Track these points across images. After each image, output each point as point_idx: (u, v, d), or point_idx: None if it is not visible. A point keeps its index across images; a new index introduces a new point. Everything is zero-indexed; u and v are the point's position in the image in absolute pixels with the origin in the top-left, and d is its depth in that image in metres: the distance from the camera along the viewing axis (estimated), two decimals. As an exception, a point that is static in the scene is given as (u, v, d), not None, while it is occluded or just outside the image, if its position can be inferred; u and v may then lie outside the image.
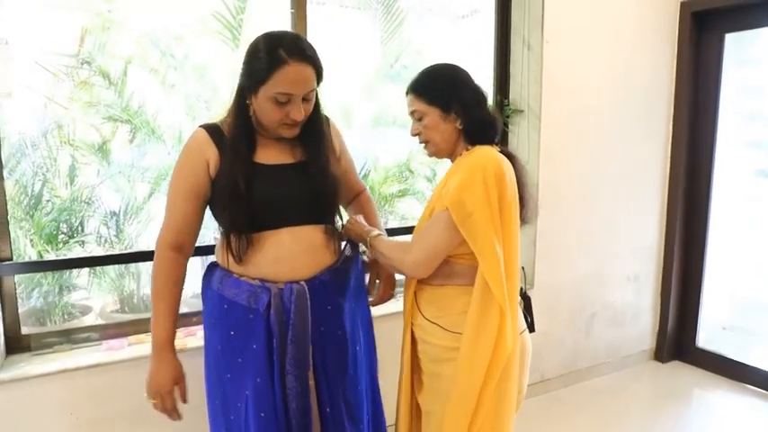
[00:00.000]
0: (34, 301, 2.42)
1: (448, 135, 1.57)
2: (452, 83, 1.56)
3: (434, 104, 1.55)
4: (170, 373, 1.51)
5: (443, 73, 1.59)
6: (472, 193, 1.42)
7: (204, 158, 1.47)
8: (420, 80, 1.59)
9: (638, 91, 3.22)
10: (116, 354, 2.08)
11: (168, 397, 1.50)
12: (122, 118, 2.52)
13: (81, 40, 2.41)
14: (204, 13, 2.55)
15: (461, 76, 1.58)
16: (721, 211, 3.39)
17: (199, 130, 1.52)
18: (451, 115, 1.55)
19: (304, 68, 1.39)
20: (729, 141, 3.34)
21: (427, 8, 3.55)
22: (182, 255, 1.53)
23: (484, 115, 1.57)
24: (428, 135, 1.58)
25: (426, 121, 1.56)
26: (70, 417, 1.99)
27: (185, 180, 1.49)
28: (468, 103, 1.55)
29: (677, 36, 3.30)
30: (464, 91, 1.56)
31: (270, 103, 1.40)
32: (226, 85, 2.59)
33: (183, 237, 1.51)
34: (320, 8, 2.60)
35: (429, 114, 1.56)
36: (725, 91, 3.26)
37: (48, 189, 2.51)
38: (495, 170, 1.44)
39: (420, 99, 1.56)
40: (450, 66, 1.61)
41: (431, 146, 1.61)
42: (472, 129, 1.56)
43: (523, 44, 2.90)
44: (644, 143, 3.31)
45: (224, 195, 1.45)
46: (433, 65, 1.63)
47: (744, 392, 3.17)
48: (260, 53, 1.38)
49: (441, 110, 1.55)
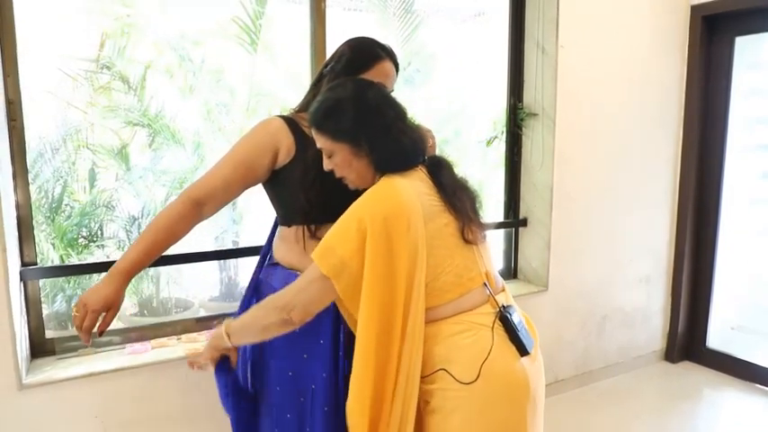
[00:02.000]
0: (58, 305, 2.42)
1: (363, 171, 1.37)
2: (358, 112, 1.33)
3: (341, 141, 1.34)
4: (110, 296, 1.43)
5: (345, 101, 1.34)
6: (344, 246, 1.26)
7: (274, 144, 1.50)
8: (319, 112, 1.35)
9: (650, 94, 3.25)
10: (140, 357, 2.10)
11: (92, 315, 1.41)
12: (142, 122, 2.53)
13: (101, 45, 2.42)
14: (223, 18, 2.56)
15: (367, 101, 1.35)
16: (731, 214, 3.42)
17: (276, 117, 1.55)
18: (363, 149, 1.34)
19: (393, 68, 1.58)
20: (739, 144, 3.37)
21: (435, 10, 3.57)
22: (197, 212, 1.50)
23: (396, 143, 1.35)
24: (342, 172, 1.39)
25: (337, 159, 1.36)
26: (95, 420, 2.00)
27: (246, 153, 1.51)
28: (378, 134, 1.33)
29: (688, 39, 3.32)
30: (372, 119, 1.34)
31: None
32: (244, 89, 2.61)
33: (210, 198, 1.50)
34: (338, 12, 2.61)
35: (338, 152, 1.35)
36: (735, 94, 3.28)
37: (67, 194, 2.52)
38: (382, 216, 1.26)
39: (323, 135, 1.35)
40: (354, 88, 1.37)
41: (349, 182, 1.41)
42: (385, 161, 1.35)
43: (537, 48, 2.92)
44: (655, 146, 3.33)
45: (307, 177, 1.48)
46: (332, 88, 1.41)
47: (753, 392, 3.20)
48: (350, 51, 1.54)
49: (350, 145, 1.34)
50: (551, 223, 2.96)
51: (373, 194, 1.32)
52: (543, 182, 2.96)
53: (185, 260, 2.30)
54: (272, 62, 2.78)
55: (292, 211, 1.54)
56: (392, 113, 1.37)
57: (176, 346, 2.18)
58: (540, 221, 3.00)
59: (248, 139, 1.53)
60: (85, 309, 1.41)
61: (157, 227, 1.47)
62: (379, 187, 1.33)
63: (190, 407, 2.13)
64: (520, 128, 3.01)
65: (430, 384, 1.33)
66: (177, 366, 2.09)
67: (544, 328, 3.01)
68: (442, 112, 3.41)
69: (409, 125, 1.40)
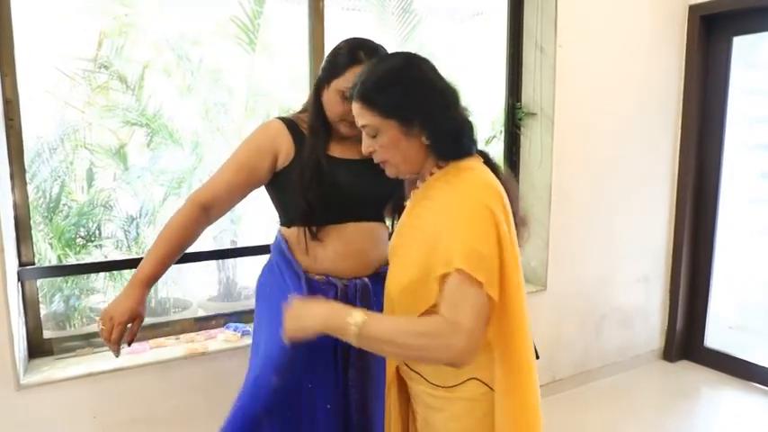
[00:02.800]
0: (55, 305, 2.42)
1: (412, 154, 1.20)
2: (412, 86, 1.17)
3: (391, 117, 1.16)
4: (134, 307, 1.45)
5: (400, 73, 1.18)
6: (486, 249, 1.09)
7: (274, 147, 1.52)
8: (368, 84, 1.18)
9: (648, 93, 3.25)
10: (139, 357, 2.09)
11: (119, 327, 1.43)
12: (140, 122, 2.52)
13: (99, 45, 2.42)
14: (222, 18, 2.56)
15: (423, 74, 1.19)
16: (729, 213, 3.43)
17: (276, 120, 1.56)
18: (415, 129, 1.17)
19: None
20: (737, 143, 3.37)
21: (433, 9, 3.57)
22: (205, 216, 1.53)
23: (455, 123, 1.20)
24: (385, 155, 1.21)
25: (383, 139, 1.19)
26: (93, 420, 2.00)
27: (247, 157, 1.53)
28: (434, 111, 1.17)
29: (686, 39, 3.33)
30: (428, 95, 1.17)
31: (336, 97, 1.47)
32: (242, 88, 2.60)
33: (214, 200, 1.53)
34: (337, 12, 2.60)
35: (385, 130, 1.18)
36: (733, 93, 3.29)
37: (65, 193, 2.52)
38: (498, 204, 1.13)
39: (371, 110, 1.17)
40: (407, 60, 1.21)
41: (390, 167, 1.24)
42: (441, 142, 1.19)
43: (536, 47, 2.91)
44: (653, 145, 3.34)
45: (303, 176, 1.48)
46: (383, 59, 1.25)
47: (751, 391, 3.20)
48: (342, 51, 1.48)
49: (400, 123, 1.17)
50: (550, 223, 2.96)
51: (478, 182, 1.16)
52: (542, 181, 2.96)
53: (184, 260, 2.29)
54: (270, 62, 2.78)
55: (293, 213, 1.55)
56: (448, 90, 1.21)
57: (175, 347, 2.18)
58: (539, 221, 3.00)
59: (249, 142, 1.55)
60: (112, 321, 1.43)
61: (170, 234, 1.50)
62: (474, 175, 1.18)
63: (188, 407, 2.12)
64: (518, 127, 3.01)
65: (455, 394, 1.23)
66: (176, 366, 2.09)
67: (543, 327, 3.02)
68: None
69: (465, 106, 1.23)
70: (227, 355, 2.17)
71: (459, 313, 1.07)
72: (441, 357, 1.08)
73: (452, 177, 1.19)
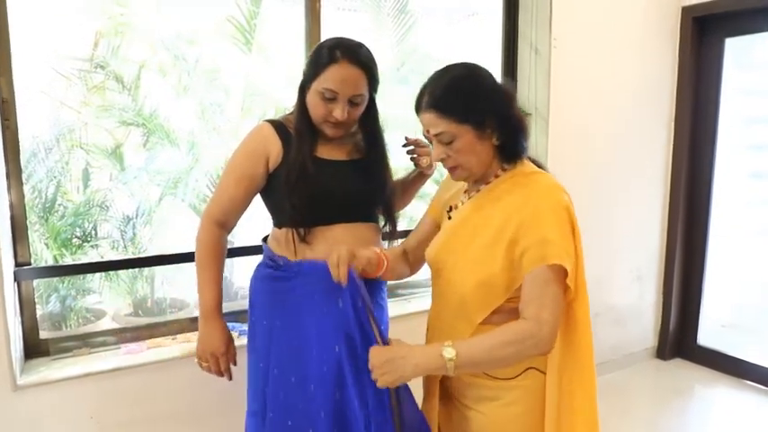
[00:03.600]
0: (51, 305, 2.41)
1: (485, 156, 1.27)
2: (480, 91, 1.25)
3: (466, 122, 1.23)
4: (222, 337, 1.59)
5: (465, 80, 1.26)
6: (568, 246, 1.21)
7: (265, 151, 1.53)
8: (441, 94, 1.25)
9: (642, 94, 3.28)
10: (136, 357, 2.09)
11: (223, 358, 1.60)
12: (136, 122, 2.52)
13: (95, 45, 2.42)
14: (218, 18, 2.56)
15: (486, 78, 1.28)
16: (722, 213, 3.46)
17: (264, 123, 1.57)
18: (487, 131, 1.25)
19: (353, 70, 1.45)
20: (730, 144, 3.41)
21: (429, 10, 3.58)
22: (224, 230, 1.62)
23: (518, 122, 1.28)
24: (460, 159, 1.27)
25: (459, 144, 1.24)
26: (91, 421, 1.99)
27: (242, 166, 1.56)
28: (502, 112, 1.25)
29: (679, 40, 3.36)
30: (494, 97, 1.25)
31: (317, 98, 1.47)
32: (238, 88, 2.60)
33: (226, 216, 1.60)
34: (332, 12, 2.61)
35: (461, 136, 1.23)
36: (725, 94, 3.32)
37: (60, 193, 2.51)
38: (571, 206, 1.25)
39: (446, 118, 1.23)
40: (468, 68, 1.29)
41: (461, 171, 1.29)
42: (510, 141, 1.27)
43: (531, 48, 2.93)
44: (647, 145, 3.37)
45: (289, 178, 1.49)
46: (445, 71, 1.30)
47: (743, 388, 3.24)
48: (321, 51, 1.47)
49: (474, 127, 1.23)
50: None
51: (551, 184, 1.27)
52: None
53: (181, 260, 2.29)
54: (267, 62, 2.78)
55: (282, 215, 1.56)
56: (507, 92, 1.30)
57: (172, 346, 2.17)
58: (534, 220, 3.02)
59: (242, 149, 1.57)
60: (214, 356, 1.59)
61: (206, 259, 1.59)
62: (545, 177, 1.29)
63: (185, 406, 2.13)
64: (513, 127, 3.03)
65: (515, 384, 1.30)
66: (173, 366, 2.09)
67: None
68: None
69: (520, 107, 1.33)
70: (224, 354, 2.17)
71: (542, 307, 1.18)
72: (533, 354, 1.20)
73: (521, 179, 1.28)
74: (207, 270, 1.58)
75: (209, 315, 1.58)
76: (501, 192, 1.29)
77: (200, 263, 1.59)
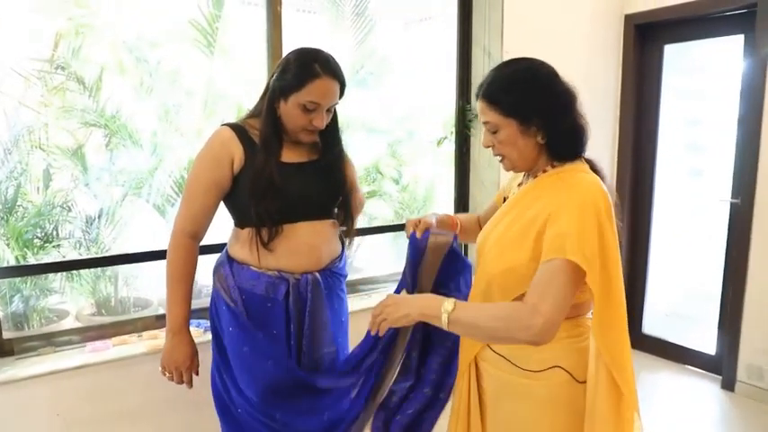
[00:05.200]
0: (15, 305, 2.40)
1: (528, 152, 1.32)
2: (534, 89, 1.30)
3: (511, 116, 1.28)
4: (188, 351, 1.63)
5: (522, 76, 1.32)
6: (590, 244, 1.17)
7: (229, 155, 1.56)
8: (493, 85, 1.31)
9: (588, 96, 3.39)
10: (101, 355, 2.11)
11: (187, 372, 1.63)
12: (98, 123, 2.53)
13: (55, 45, 2.42)
14: (180, 21, 2.59)
15: (544, 78, 1.32)
16: (663, 207, 3.68)
17: (224, 128, 1.59)
18: (532, 128, 1.29)
19: (333, 84, 1.53)
20: (670, 143, 3.62)
21: (386, 12, 3.67)
22: (196, 242, 1.62)
23: (571, 125, 1.32)
24: (503, 150, 1.33)
25: (502, 135, 1.30)
26: (57, 418, 2.01)
27: (210, 173, 1.56)
28: (552, 113, 1.29)
29: (622, 46, 3.56)
30: (548, 98, 1.30)
31: (298, 110, 1.52)
32: (201, 91, 2.64)
33: (198, 226, 1.60)
34: (292, 14, 2.67)
35: (504, 128, 1.29)
36: (665, 97, 3.53)
37: (20, 194, 2.50)
38: (606, 208, 1.22)
39: (494, 109, 1.29)
40: (530, 65, 1.35)
41: (507, 162, 1.35)
42: (557, 142, 1.31)
43: (484, 53, 3.07)
44: (594, 144, 3.52)
45: (256, 189, 1.53)
46: (507, 63, 1.37)
47: (685, 373, 3.45)
48: (296, 64, 1.52)
49: (519, 122, 1.28)
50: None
51: (591, 184, 1.26)
52: (490, 179, 3.11)
53: (144, 259, 2.31)
54: (229, 64, 2.82)
55: (246, 216, 1.59)
56: (569, 93, 1.33)
57: (137, 343, 2.20)
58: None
59: (206, 157, 1.58)
60: (179, 370, 1.62)
61: (177, 274, 1.60)
62: (589, 177, 1.28)
63: (152, 403, 2.16)
64: (468, 129, 3.15)
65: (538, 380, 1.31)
66: (139, 363, 2.12)
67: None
68: (396, 114, 3.52)
69: (580, 110, 1.35)
70: (190, 350, 2.21)
71: (543, 297, 1.17)
72: (520, 338, 1.17)
73: (567, 176, 1.30)
74: (179, 288, 1.60)
75: (177, 330, 1.60)
76: (544, 186, 1.32)
77: (173, 279, 1.59)
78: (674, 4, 3.27)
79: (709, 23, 3.28)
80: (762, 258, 3.03)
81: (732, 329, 3.16)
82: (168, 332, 1.61)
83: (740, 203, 3.11)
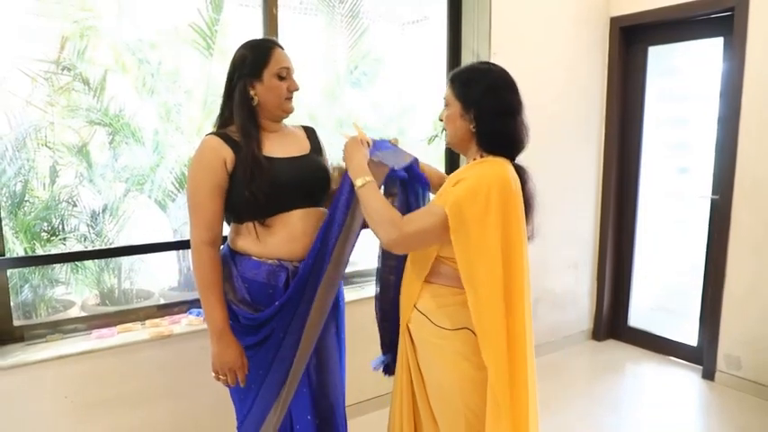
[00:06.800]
0: (24, 295, 2.51)
1: (461, 133, 1.57)
2: (480, 86, 1.53)
3: (458, 99, 1.55)
4: (237, 351, 1.68)
5: (481, 74, 1.57)
6: (471, 207, 1.43)
7: (221, 158, 1.66)
8: (461, 71, 1.60)
9: (575, 97, 3.56)
10: (107, 341, 2.21)
11: (241, 371, 1.68)
12: (102, 122, 2.64)
13: (62, 47, 2.52)
14: (180, 24, 2.70)
15: (495, 83, 1.55)
16: (648, 205, 3.79)
17: (209, 137, 1.70)
18: (469, 116, 1.54)
19: (283, 50, 1.73)
20: (655, 142, 3.74)
21: (380, 14, 3.76)
22: (216, 249, 1.69)
23: (500, 128, 1.55)
24: (446, 124, 1.62)
25: (448, 111, 1.59)
26: (65, 400, 2.11)
27: (209, 180, 1.65)
28: (487, 112, 1.53)
29: (608, 48, 3.67)
30: (489, 98, 1.53)
31: (275, 80, 1.67)
32: (200, 90, 2.74)
33: (214, 232, 1.68)
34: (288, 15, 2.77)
35: (451, 105, 1.57)
36: (649, 97, 3.65)
37: (27, 190, 2.61)
38: (500, 188, 1.46)
39: (450, 87, 1.58)
40: (495, 70, 1.59)
41: (447, 135, 1.64)
42: (484, 137, 1.55)
43: (473, 55, 3.18)
44: (581, 144, 3.66)
45: (246, 170, 1.63)
46: (484, 62, 1.66)
47: (669, 364, 3.55)
48: (250, 51, 1.69)
49: (461, 106, 1.55)
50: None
51: (496, 170, 1.50)
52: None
53: (146, 251, 2.42)
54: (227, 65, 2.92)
55: (242, 209, 1.69)
56: (507, 104, 1.56)
57: (141, 330, 2.31)
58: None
59: (200, 166, 1.66)
60: (232, 371, 1.67)
61: (206, 282, 1.66)
62: (498, 166, 1.51)
63: (155, 386, 2.27)
64: (459, 127, 3.26)
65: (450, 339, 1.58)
66: (143, 349, 2.23)
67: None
68: (388, 113, 3.62)
69: (521, 120, 1.60)
70: (190, 337, 2.32)
71: (409, 222, 1.49)
72: (380, 235, 1.51)
73: (485, 163, 1.54)
74: (212, 293, 1.65)
75: (222, 333, 1.66)
76: (469, 168, 1.55)
77: (204, 288, 1.65)
78: (658, 7, 3.38)
79: (691, 26, 3.39)
80: (739, 253, 3.14)
81: (712, 322, 3.27)
82: (212, 336, 1.67)
83: (719, 200, 3.21)
